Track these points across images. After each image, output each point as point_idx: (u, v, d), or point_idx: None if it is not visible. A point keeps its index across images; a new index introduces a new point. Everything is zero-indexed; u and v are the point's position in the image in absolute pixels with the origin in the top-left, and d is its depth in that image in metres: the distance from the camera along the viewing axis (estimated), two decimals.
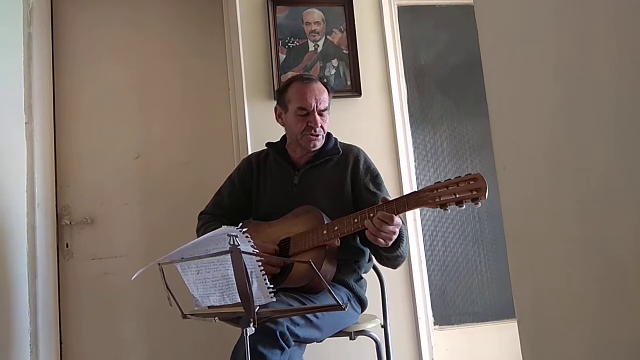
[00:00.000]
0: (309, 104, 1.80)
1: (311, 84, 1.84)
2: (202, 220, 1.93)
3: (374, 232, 1.54)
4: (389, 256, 1.67)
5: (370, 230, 1.55)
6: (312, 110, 1.80)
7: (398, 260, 1.70)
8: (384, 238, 1.55)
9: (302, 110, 1.81)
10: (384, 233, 1.54)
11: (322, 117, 1.83)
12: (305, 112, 1.81)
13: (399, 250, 1.64)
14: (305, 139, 1.82)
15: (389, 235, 1.55)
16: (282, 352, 1.46)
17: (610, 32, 0.81)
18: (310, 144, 1.83)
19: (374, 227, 1.54)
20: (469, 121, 2.69)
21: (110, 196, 2.40)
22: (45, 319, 2.18)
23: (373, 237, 1.56)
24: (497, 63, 1.12)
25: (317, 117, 1.81)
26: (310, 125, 1.81)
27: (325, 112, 1.84)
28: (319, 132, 1.82)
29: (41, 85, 2.32)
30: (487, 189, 1.42)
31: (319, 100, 1.81)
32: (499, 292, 2.58)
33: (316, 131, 1.81)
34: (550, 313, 1.00)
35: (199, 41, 2.56)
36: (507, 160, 1.10)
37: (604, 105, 0.83)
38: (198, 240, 1.21)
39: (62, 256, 2.33)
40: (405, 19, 2.69)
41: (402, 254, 1.67)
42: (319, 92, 1.83)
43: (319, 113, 1.82)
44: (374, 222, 1.54)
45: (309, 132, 1.81)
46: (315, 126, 1.80)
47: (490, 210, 2.60)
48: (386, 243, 1.57)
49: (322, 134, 1.84)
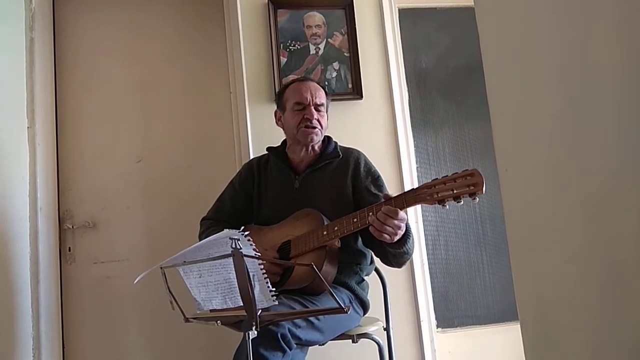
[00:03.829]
0: (305, 97, 1.84)
1: (307, 82, 1.90)
2: (204, 225, 1.93)
3: (379, 227, 1.54)
4: (395, 252, 1.66)
5: (375, 225, 1.55)
6: (307, 104, 1.83)
7: (404, 257, 1.69)
8: (389, 233, 1.55)
9: (298, 105, 1.85)
10: (389, 227, 1.54)
11: (319, 113, 1.85)
12: (302, 107, 1.84)
13: (405, 247, 1.64)
14: (302, 133, 1.83)
15: (394, 230, 1.55)
16: (283, 355, 1.45)
17: (612, 34, 0.81)
18: (307, 138, 1.83)
19: (378, 222, 1.54)
20: (470, 124, 2.69)
21: (112, 200, 2.40)
22: (47, 323, 2.18)
23: (378, 232, 1.55)
24: (499, 65, 1.12)
25: (313, 110, 1.83)
26: (306, 117, 1.82)
27: (321, 107, 1.85)
28: (315, 125, 1.82)
29: (43, 90, 2.33)
30: (484, 183, 1.43)
31: (315, 95, 1.85)
32: (501, 295, 2.58)
33: (312, 123, 1.82)
34: (553, 316, 0.99)
35: (200, 45, 2.57)
36: (509, 162, 1.09)
37: (606, 107, 0.83)
38: (200, 244, 1.21)
39: (65, 260, 2.33)
40: (406, 21, 2.69)
41: (408, 250, 1.66)
42: (315, 89, 1.87)
43: (316, 108, 1.84)
44: (378, 216, 1.54)
45: (305, 125, 1.82)
46: (311, 117, 1.82)
47: (492, 212, 2.60)
48: (391, 238, 1.56)
49: (319, 127, 1.84)
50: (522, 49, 1.03)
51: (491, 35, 1.14)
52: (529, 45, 1.01)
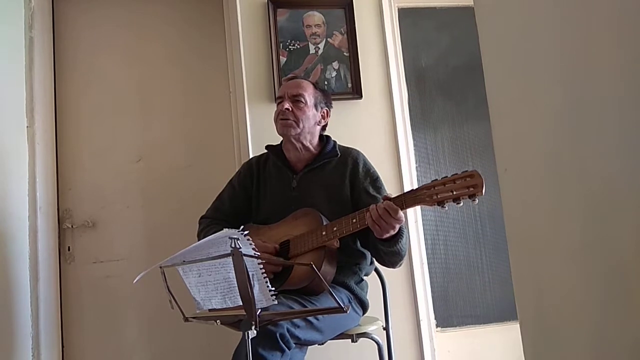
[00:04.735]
0: (283, 91, 1.88)
1: (292, 79, 1.96)
2: (203, 224, 1.93)
3: (375, 218, 1.55)
4: (387, 251, 1.67)
5: (372, 214, 1.55)
6: (284, 96, 1.86)
7: (396, 257, 1.70)
8: (382, 227, 1.56)
9: (278, 99, 1.89)
10: (383, 222, 1.54)
11: (296, 104, 1.84)
12: (280, 100, 1.87)
13: (397, 246, 1.64)
14: (279, 126, 1.85)
15: (387, 227, 1.56)
16: (282, 354, 1.46)
17: (613, 33, 0.81)
18: (282, 130, 1.84)
19: (376, 213, 1.55)
20: (470, 123, 2.69)
21: (111, 199, 2.40)
22: (47, 322, 2.18)
23: (372, 222, 1.56)
24: (498, 65, 1.12)
25: (286, 102, 1.84)
26: (280, 110, 1.84)
27: (299, 98, 1.84)
28: (287, 116, 1.82)
29: (43, 89, 2.32)
30: (484, 185, 1.43)
31: (291, 87, 1.87)
32: (501, 294, 2.58)
33: (284, 114, 1.82)
34: (553, 315, 1.00)
35: (199, 44, 2.57)
36: (508, 162, 1.10)
37: (606, 107, 0.83)
38: (200, 243, 1.21)
39: (64, 259, 2.33)
40: (406, 21, 2.69)
41: (400, 250, 1.66)
42: (295, 84, 1.89)
43: (292, 99, 1.84)
44: (378, 208, 1.55)
45: (280, 117, 1.83)
46: (282, 108, 1.83)
47: (492, 211, 2.60)
48: (382, 233, 1.57)
49: (292, 119, 1.82)
50: (521, 49, 1.03)
51: (491, 34, 1.15)
52: (528, 45, 1.01)
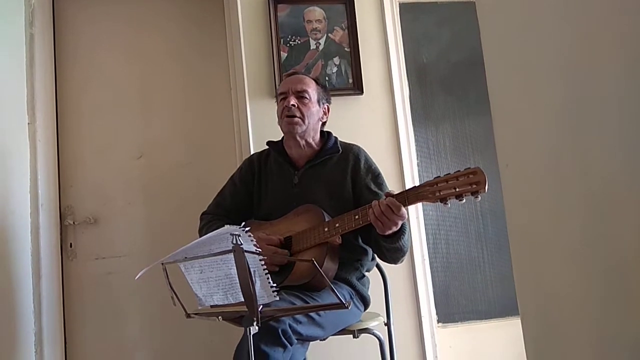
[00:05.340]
0: (286, 87, 1.86)
1: (294, 75, 1.93)
2: (204, 220, 1.93)
3: (377, 214, 1.55)
4: (389, 247, 1.66)
5: (374, 211, 1.55)
6: (287, 92, 1.84)
7: (398, 253, 1.70)
8: (384, 223, 1.55)
9: (281, 95, 1.87)
10: (386, 218, 1.54)
11: (302, 101, 1.82)
12: (283, 97, 1.85)
13: (399, 243, 1.64)
14: (284, 124, 1.84)
15: (389, 223, 1.55)
16: (284, 350, 1.46)
17: (615, 30, 0.81)
18: (288, 128, 1.82)
19: (379, 210, 1.54)
20: (471, 119, 2.69)
21: (113, 196, 2.40)
22: (49, 318, 2.19)
23: (374, 218, 1.56)
24: (500, 60, 1.12)
25: (292, 97, 1.82)
26: (285, 106, 1.82)
27: (304, 94, 1.83)
28: (294, 113, 1.81)
29: (44, 86, 2.32)
30: (486, 182, 1.42)
31: (295, 83, 1.85)
32: (502, 290, 2.58)
33: (290, 111, 1.80)
34: (554, 310, 1.00)
35: (200, 40, 2.56)
36: (510, 158, 1.09)
37: (608, 104, 0.83)
38: (201, 240, 1.21)
39: (66, 256, 2.33)
40: (407, 16, 2.68)
41: (402, 247, 1.66)
42: (298, 79, 1.88)
43: (296, 95, 1.82)
44: (380, 204, 1.54)
45: (286, 115, 1.82)
46: (287, 104, 1.81)
47: (493, 207, 2.60)
48: (384, 230, 1.57)
49: (299, 116, 1.81)
50: (523, 44, 1.03)
51: (492, 29, 1.14)
52: (530, 40, 1.01)
